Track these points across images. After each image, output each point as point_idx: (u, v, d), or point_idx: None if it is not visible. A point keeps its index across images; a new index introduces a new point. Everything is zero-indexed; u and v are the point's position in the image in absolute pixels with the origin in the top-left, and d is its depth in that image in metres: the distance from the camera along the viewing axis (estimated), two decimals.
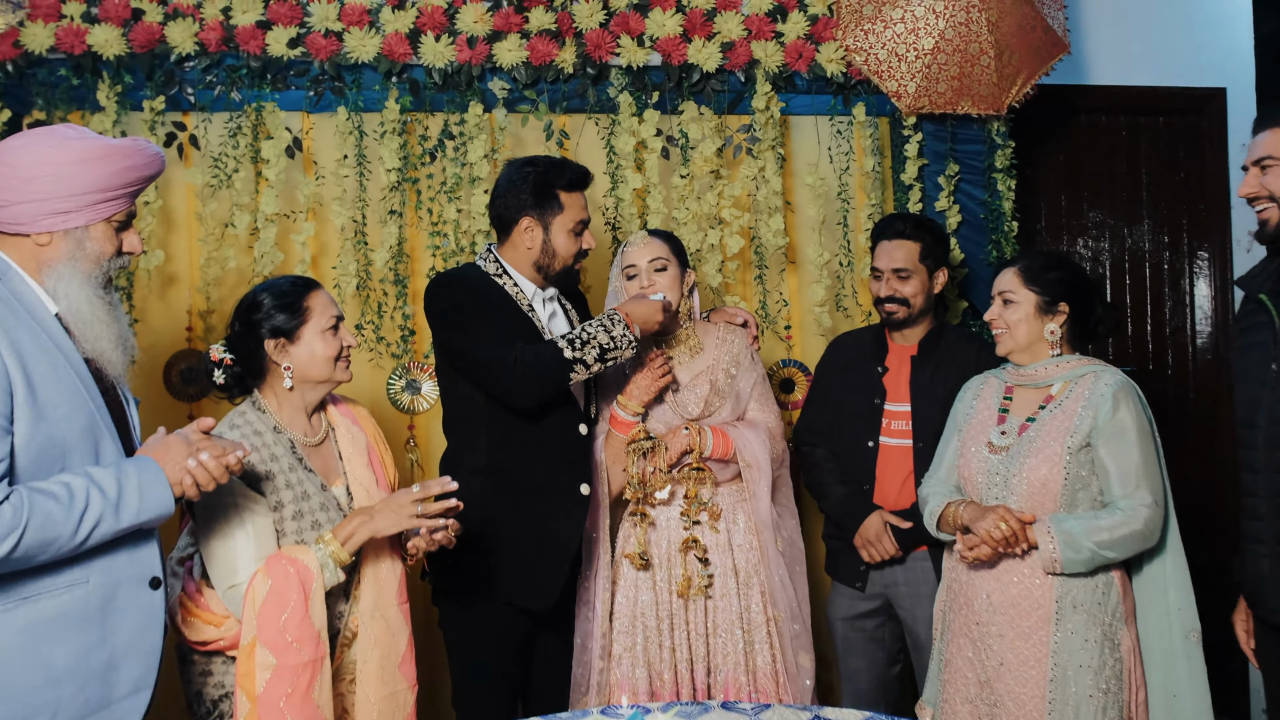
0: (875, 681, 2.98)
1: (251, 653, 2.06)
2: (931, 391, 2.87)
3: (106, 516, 1.78)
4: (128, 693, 1.88)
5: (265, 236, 3.09)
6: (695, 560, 2.64)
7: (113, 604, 1.86)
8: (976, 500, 2.48)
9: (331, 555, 2.12)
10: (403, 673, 2.27)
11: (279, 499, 2.17)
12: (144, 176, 1.93)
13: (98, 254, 1.90)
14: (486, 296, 2.57)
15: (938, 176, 3.44)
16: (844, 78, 3.39)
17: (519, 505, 2.53)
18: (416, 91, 3.19)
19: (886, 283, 2.91)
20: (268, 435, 2.20)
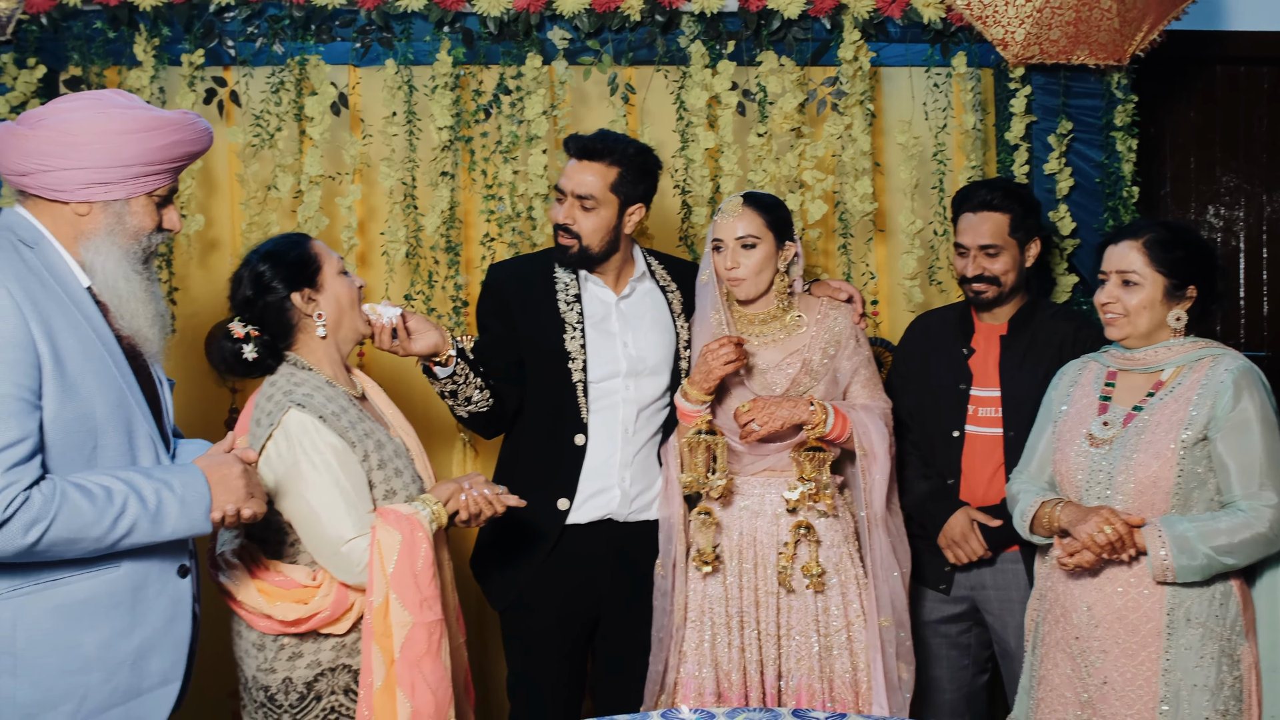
0: (959, 692, 2.92)
1: (386, 612, 2.10)
2: (1024, 375, 2.77)
3: (141, 525, 1.82)
4: (156, 684, 1.92)
5: (309, 200, 3.10)
6: (807, 548, 2.59)
7: (143, 591, 1.90)
8: (1075, 499, 2.39)
9: (435, 517, 2.18)
10: (460, 626, 2.36)
11: (365, 449, 2.21)
12: (191, 152, 1.97)
13: (137, 228, 1.94)
14: (494, 298, 2.72)
15: (1048, 135, 3.31)
16: (943, 24, 3.26)
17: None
18: (470, 42, 3.14)
19: (974, 260, 2.81)
20: (328, 389, 2.25)
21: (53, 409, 1.78)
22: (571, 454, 2.65)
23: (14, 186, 1.92)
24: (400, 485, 2.25)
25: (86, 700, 1.83)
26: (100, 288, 1.91)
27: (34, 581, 1.80)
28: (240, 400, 3.22)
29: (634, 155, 2.64)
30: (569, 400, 2.65)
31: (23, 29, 3.04)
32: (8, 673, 1.78)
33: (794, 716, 2.18)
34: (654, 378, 2.70)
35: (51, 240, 1.90)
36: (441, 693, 2.14)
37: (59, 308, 1.83)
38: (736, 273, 2.61)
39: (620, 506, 2.67)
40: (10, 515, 1.70)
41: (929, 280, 3.31)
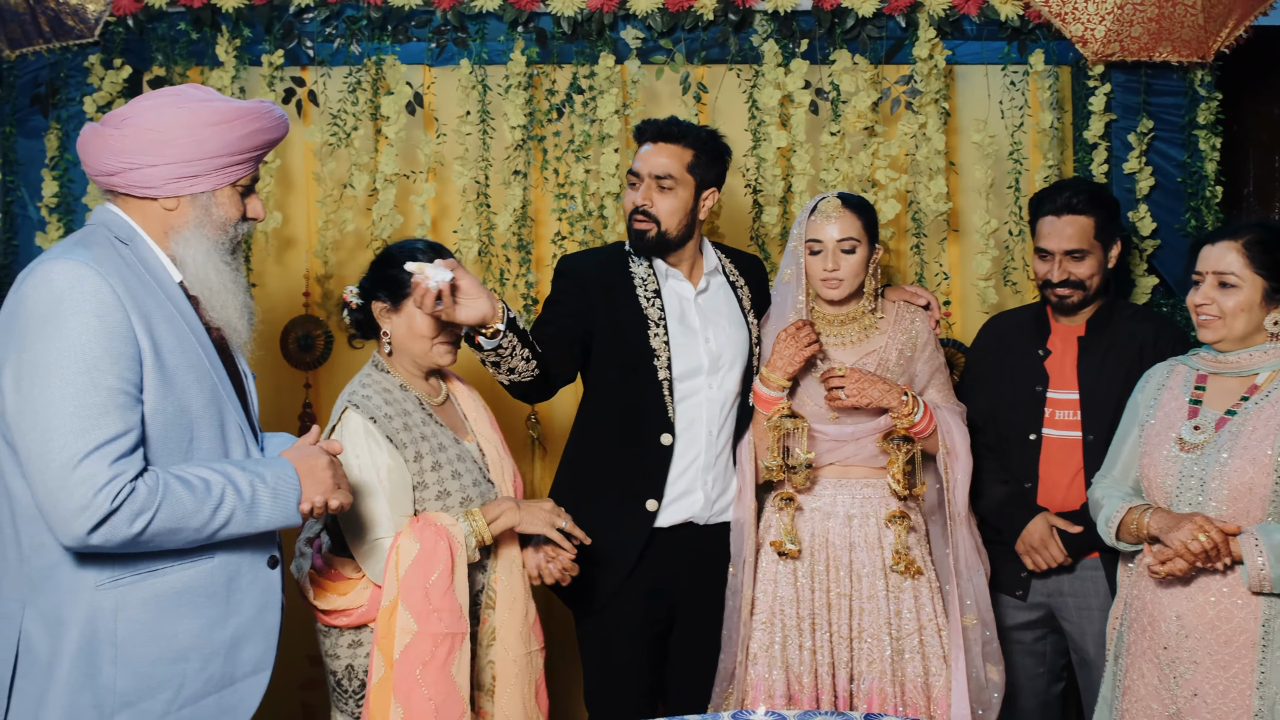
0: (1035, 700, 2.87)
1: (393, 615, 2.17)
2: (1103, 377, 2.72)
3: (237, 516, 1.86)
4: (249, 672, 1.96)
5: (384, 198, 3.14)
6: (902, 535, 2.59)
7: (236, 581, 1.93)
8: (1163, 505, 2.33)
9: (475, 532, 2.24)
10: (535, 634, 2.39)
11: (418, 450, 2.28)
12: (269, 140, 2.00)
13: (223, 219, 1.97)
14: (572, 284, 2.66)
15: (1128, 134, 3.25)
16: (1020, 21, 3.21)
17: (585, 506, 2.55)
18: (544, 42, 3.16)
19: (1059, 265, 2.75)
20: (396, 392, 2.33)
21: (153, 402, 1.82)
22: (659, 454, 2.60)
23: (103, 186, 1.95)
24: (456, 488, 2.30)
25: (183, 688, 1.87)
26: (191, 280, 1.94)
27: (133, 572, 1.83)
28: (313, 395, 3.29)
29: (707, 138, 2.66)
30: (654, 399, 2.60)
31: (109, 30, 3.12)
32: (109, 662, 1.81)
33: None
34: (731, 374, 2.68)
35: (144, 236, 1.93)
36: (446, 708, 2.16)
37: (156, 303, 1.87)
38: (837, 274, 2.60)
39: (702, 510, 2.65)
40: (118, 506, 1.73)
41: (1003, 281, 3.26)
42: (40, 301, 1.77)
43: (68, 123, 3.16)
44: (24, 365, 1.75)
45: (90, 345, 1.75)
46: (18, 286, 1.82)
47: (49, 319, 1.76)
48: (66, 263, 1.79)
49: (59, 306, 1.76)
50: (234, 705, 1.94)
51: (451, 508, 2.29)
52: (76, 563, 1.81)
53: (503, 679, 2.32)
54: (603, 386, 2.67)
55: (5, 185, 3.25)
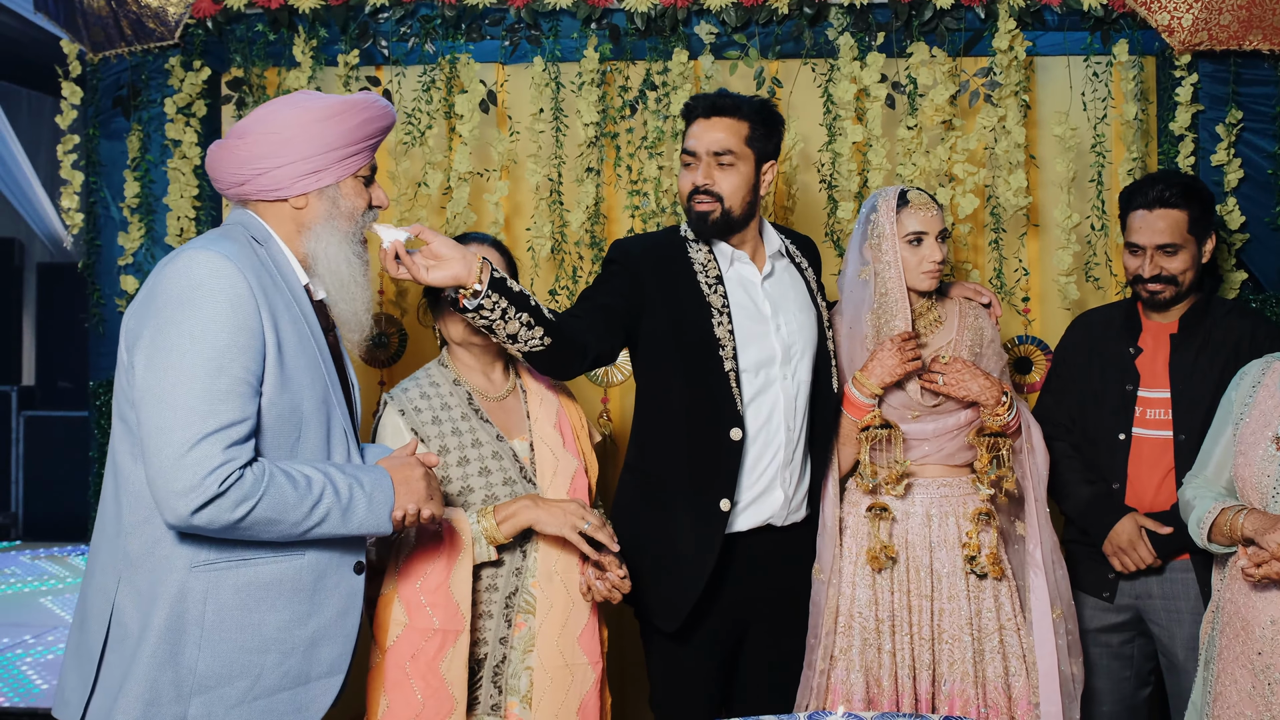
0: (1120, 704, 2.86)
1: (388, 605, 2.25)
2: (1196, 375, 2.70)
3: (333, 516, 1.92)
4: (324, 673, 2.01)
5: (458, 196, 3.20)
6: (988, 534, 2.60)
7: (323, 581, 2.00)
8: (1259, 506, 2.32)
9: (485, 531, 2.27)
10: (583, 646, 2.36)
11: (444, 444, 2.35)
12: (381, 127, 2.08)
13: (351, 210, 2.06)
14: (625, 269, 2.53)
15: (1215, 125, 3.21)
16: (1103, 10, 3.20)
17: (653, 512, 2.54)
18: (617, 38, 3.21)
19: (1151, 260, 2.73)
20: (444, 387, 2.41)
21: (270, 396, 1.90)
22: (730, 450, 2.48)
23: (234, 198, 2.05)
24: (481, 485, 2.34)
25: (260, 679, 1.93)
26: (323, 273, 2.03)
27: (228, 559, 1.91)
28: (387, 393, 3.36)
29: (760, 108, 2.56)
30: (722, 391, 2.48)
31: (189, 32, 3.22)
32: (194, 644, 1.88)
33: None
34: (803, 362, 2.59)
35: (277, 239, 2.03)
36: (433, 704, 2.20)
37: (284, 303, 1.96)
38: (941, 264, 2.62)
39: (781, 509, 2.56)
40: (224, 490, 1.80)
41: (1085, 277, 3.24)
42: (179, 286, 1.86)
43: (149, 124, 3.27)
44: (157, 345, 1.84)
45: (221, 333, 1.84)
46: (159, 271, 1.92)
47: (186, 303, 1.85)
48: (208, 253, 1.88)
49: (196, 293, 1.85)
50: (307, 704, 1.99)
51: (473, 504, 2.32)
52: (176, 541, 1.89)
53: (539, 688, 2.32)
54: (663, 382, 2.55)
55: (89, 186, 3.37)
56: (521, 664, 2.34)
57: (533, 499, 2.30)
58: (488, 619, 2.32)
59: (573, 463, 2.46)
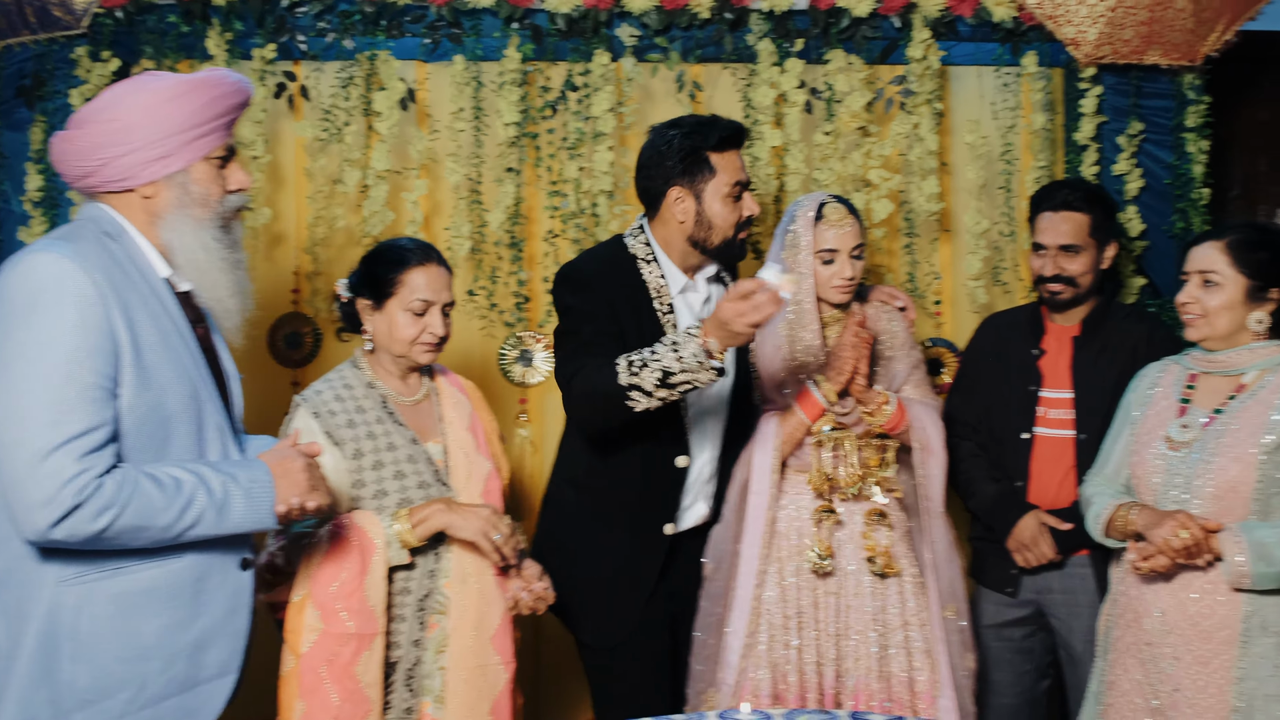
0: (1021, 697, 2.97)
1: (301, 610, 2.23)
2: (1097, 377, 2.83)
3: (208, 517, 1.88)
4: (214, 675, 1.98)
5: (375, 194, 3.19)
6: (883, 535, 2.67)
7: (205, 582, 1.96)
8: (1151, 503, 2.44)
9: (398, 534, 2.26)
10: (495, 647, 2.36)
11: (359, 448, 2.32)
12: (232, 105, 2.00)
13: (204, 195, 1.98)
14: (600, 295, 2.53)
15: (1117, 136, 3.35)
16: (1014, 23, 3.31)
17: (599, 530, 2.57)
18: (539, 39, 3.23)
19: (1052, 260, 2.86)
20: (358, 389, 2.39)
21: (129, 398, 1.84)
22: (675, 477, 2.62)
23: (83, 190, 1.98)
24: (396, 489, 2.32)
25: (144, 689, 1.88)
26: (181, 264, 1.97)
27: (99, 569, 1.85)
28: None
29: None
30: (674, 418, 2.57)
31: (98, 22, 3.15)
32: (68, 659, 1.83)
33: (851, 718, 2.22)
34: (728, 379, 2.69)
35: (131, 232, 1.96)
36: (349, 708, 2.21)
37: (140, 298, 1.89)
38: (853, 281, 2.69)
39: (703, 519, 2.70)
40: (82, 501, 1.75)
41: (994, 281, 3.35)
42: (21, 292, 1.81)
43: (53, 116, 3.19)
44: (1, 357, 1.79)
45: (68, 339, 1.79)
46: (0, 278, 1.86)
47: (29, 310, 1.79)
48: (49, 255, 1.83)
49: (39, 298, 1.80)
50: (197, 708, 1.96)
51: (387, 508, 2.31)
52: (40, 558, 1.83)
53: (451, 689, 2.32)
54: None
55: None
56: (435, 664, 2.34)
57: (446, 503, 2.29)
58: (401, 621, 2.31)
59: (485, 465, 2.46)
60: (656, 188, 2.58)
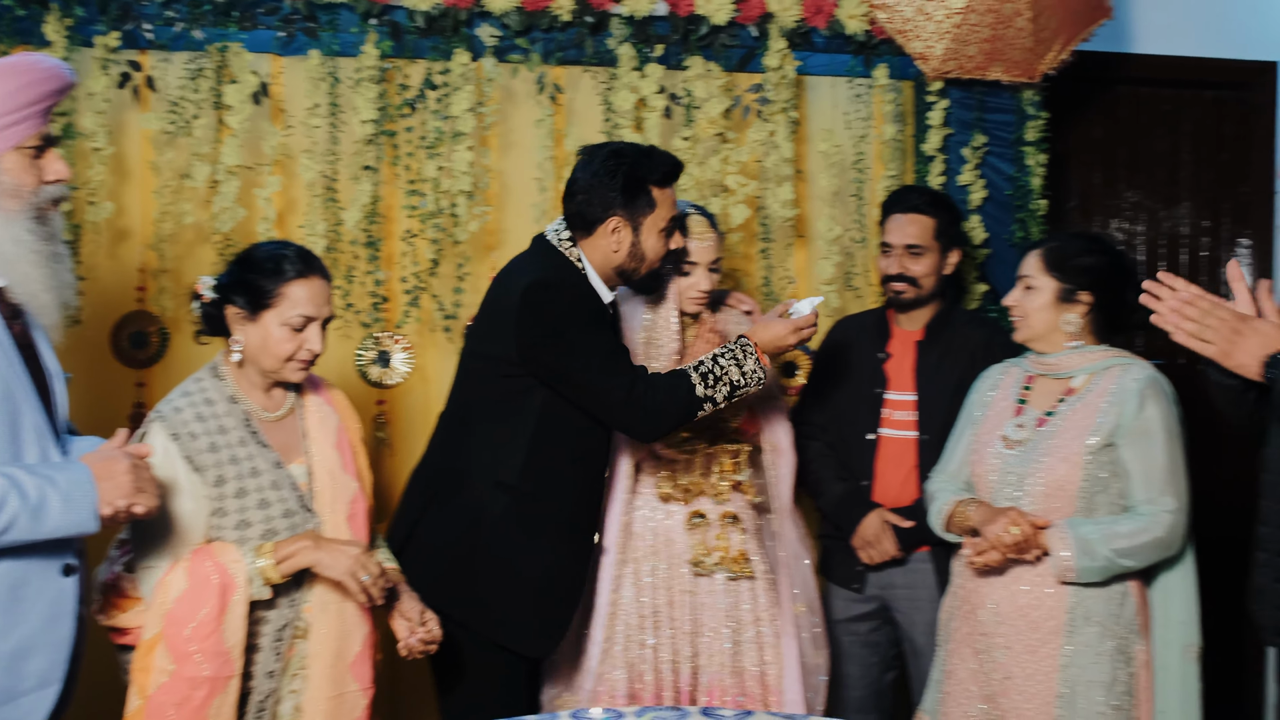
0: (868, 689, 3.07)
1: (151, 649, 2.09)
2: (939, 379, 2.94)
3: (21, 522, 1.81)
4: (35, 686, 1.90)
5: (226, 190, 3.11)
6: (738, 534, 2.71)
7: (23, 590, 1.88)
8: (988, 499, 2.55)
9: (260, 571, 2.14)
10: (354, 674, 2.29)
11: (221, 474, 2.18)
12: (48, 91, 1.93)
13: (14, 186, 1.90)
14: (591, 309, 2.56)
15: (962, 148, 3.50)
16: (866, 36, 3.42)
17: (531, 539, 2.55)
18: (397, 36, 3.20)
19: (898, 260, 2.98)
20: (219, 405, 2.23)
21: None
22: (602, 487, 2.70)
23: None
24: (260, 519, 2.19)
25: None
26: None
27: None
28: (147, 394, 3.22)
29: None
30: (608, 433, 2.63)
31: None
32: None
33: (702, 714, 2.22)
34: None
35: None
36: None
37: None
38: (706, 293, 2.75)
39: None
40: None
41: (846, 285, 3.46)
42: None
43: None
44: None
45: None
46: None
47: None
48: None
49: None
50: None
51: (250, 539, 2.18)
52: None
53: (309, 716, 2.23)
54: (576, 419, 2.55)
55: None
56: (287, 689, 2.25)
57: (314, 539, 2.19)
58: (256, 652, 2.20)
59: (351, 486, 2.35)
60: (595, 213, 2.56)
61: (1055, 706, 2.39)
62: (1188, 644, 2.46)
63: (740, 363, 2.48)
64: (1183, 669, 2.45)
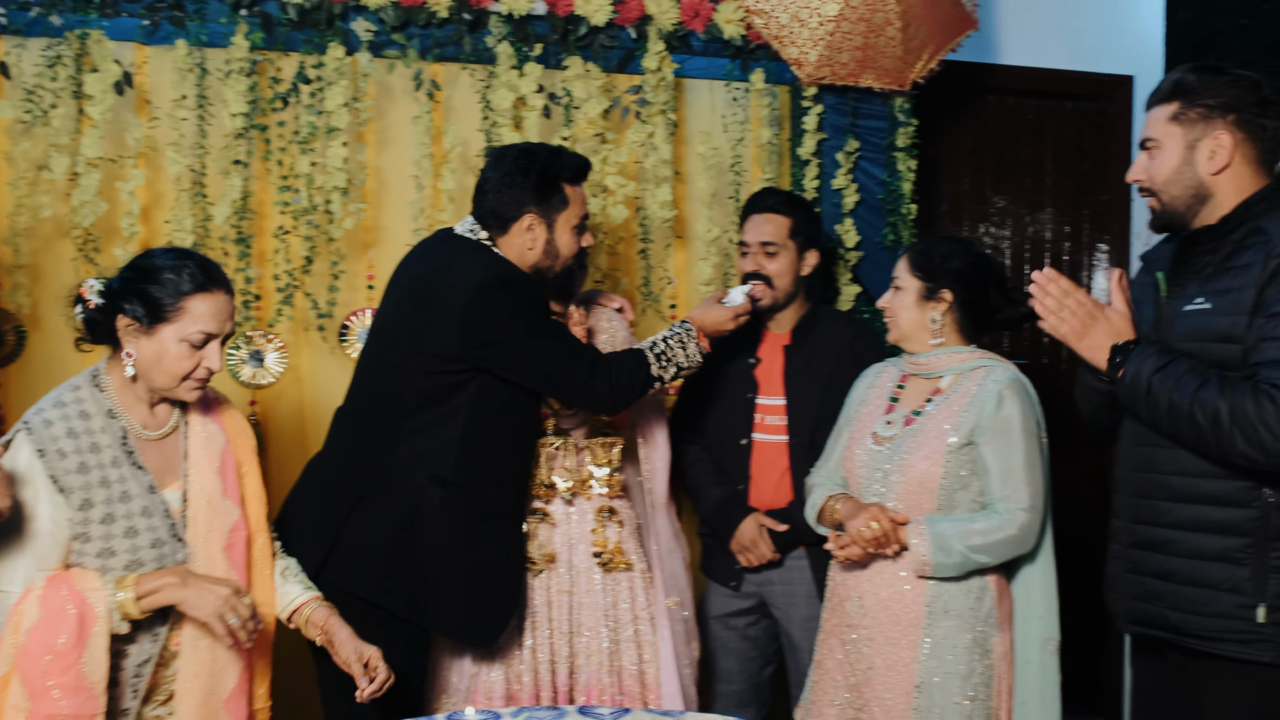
0: (748, 683, 3.13)
1: (6, 686, 1.97)
2: (807, 382, 3.00)
3: None
4: None
5: (86, 183, 3.01)
6: (613, 532, 2.74)
7: None
8: (857, 495, 2.62)
9: (119, 604, 2.02)
10: (229, 711, 2.19)
11: (88, 497, 2.06)
12: None
13: None
14: (542, 300, 2.63)
15: (836, 153, 3.57)
16: (742, 41, 3.47)
17: (476, 531, 2.55)
18: (269, 28, 3.13)
19: (753, 258, 3.03)
20: (96, 420, 2.11)
21: None
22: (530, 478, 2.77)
23: None
24: (126, 548, 2.08)
25: None
26: None
27: None
28: (2, 395, 3.09)
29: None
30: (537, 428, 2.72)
31: None
32: None
33: (579, 713, 2.23)
34: None
35: None
36: None
37: None
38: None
39: None
40: None
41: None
42: None
43: None
44: None
45: None
46: None
47: None
48: None
49: None
50: None
51: (113, 569, 2.06)
52: None
53: None
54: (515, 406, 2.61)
55: None
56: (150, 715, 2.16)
57: (181, 576, 2.06)
58: (116, 687, 2.08)
59: (232, 514, 2.23)
60: (509, 211, 2.60)
61: (914, 696, 2.46)
62: (1047, 637, 2.54)
63: (684, 345, 2.64)
64: (1042, 661, 2.54)
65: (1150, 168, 2.26)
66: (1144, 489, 2.25)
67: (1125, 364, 2.16)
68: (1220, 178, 2.19)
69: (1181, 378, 2.08)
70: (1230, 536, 2.11)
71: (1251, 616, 2.08)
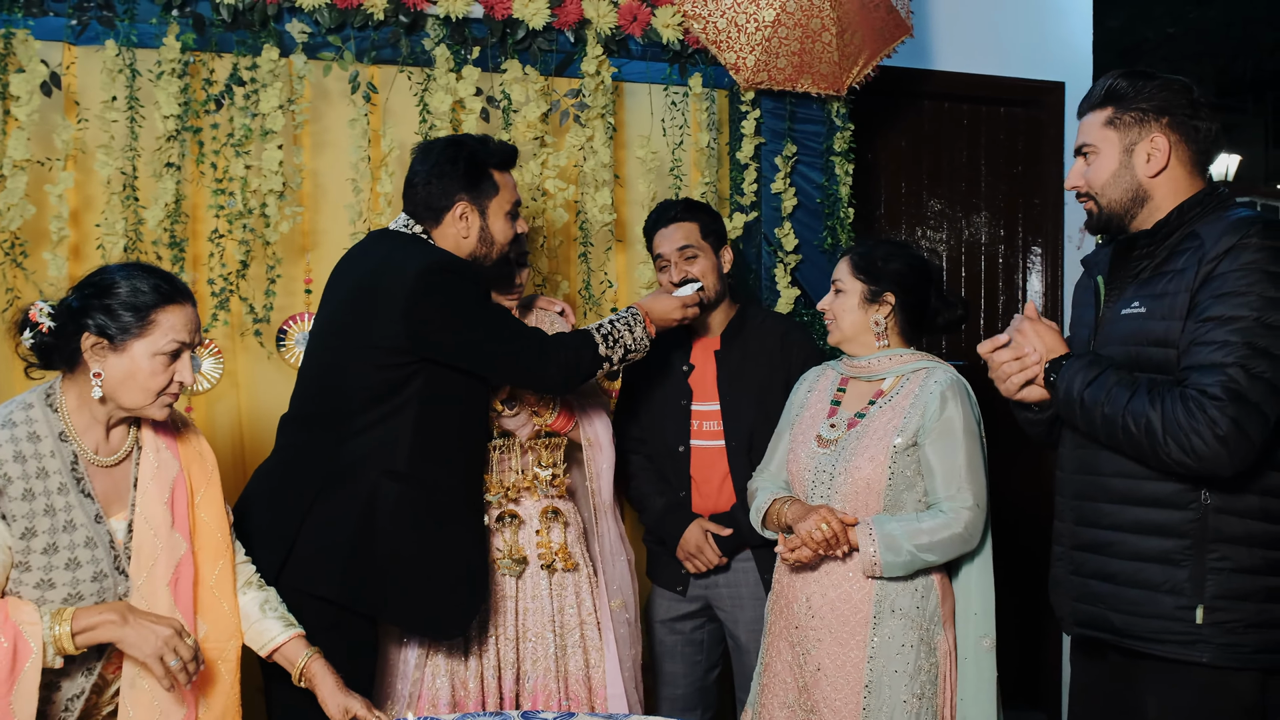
0: (693, 686, 3.14)
1: None
2: (740, 385, 3.02)
3: None
4: None
5: (13, 186, 2.94)
6: (560, 532, 2.74)
7: None
8: (803, 497, 2.64)
9: (55, 639, 1.95)
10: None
11: (31, 525, 2.00)
12: None
13: None
14: (483, 286, 2.64)
15: (775, 157, 3.60)
16: (681, 45, 3.49)
17: (434, 526, 2.52)
18: (201, 28, 3.09)
19: (676, 267, 3.01)
20: (46, 443, 2.04)
21: None
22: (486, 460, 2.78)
23: None
24: (66, 581, 2.02)
25: None
26: None
27: None
28: None
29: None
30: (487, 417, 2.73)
31: None
32: None
33: (522, 718, 2.25)
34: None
35: None
36: None
37: None
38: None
39: None
40: None
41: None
42: None
43: None
44: None
45: None
46: None
47: None
48: None
49: None
50: None
51: (51, 601, 2.00)
52: None
53: None
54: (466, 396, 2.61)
55: None
56: None
57: (121, 613, 1.99)
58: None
59: (180, 547, 2.15)
60: (440, 201, 2.62)
61: (863, 696, 2.49)
62: (982, 635, 2.59)
63: (631, 328, 2.68)
64: (978, 659, 2.58)
65: (1088, 173, 2.29)
66: (1086, 491, 2.28)
67: (1058, 381, 2.20)
68: (1158, 180, 2.23)
69: (1111, 390, 2.11)
70: (1169, 538, 2.14)
71: (1191, 618, 2.11)
